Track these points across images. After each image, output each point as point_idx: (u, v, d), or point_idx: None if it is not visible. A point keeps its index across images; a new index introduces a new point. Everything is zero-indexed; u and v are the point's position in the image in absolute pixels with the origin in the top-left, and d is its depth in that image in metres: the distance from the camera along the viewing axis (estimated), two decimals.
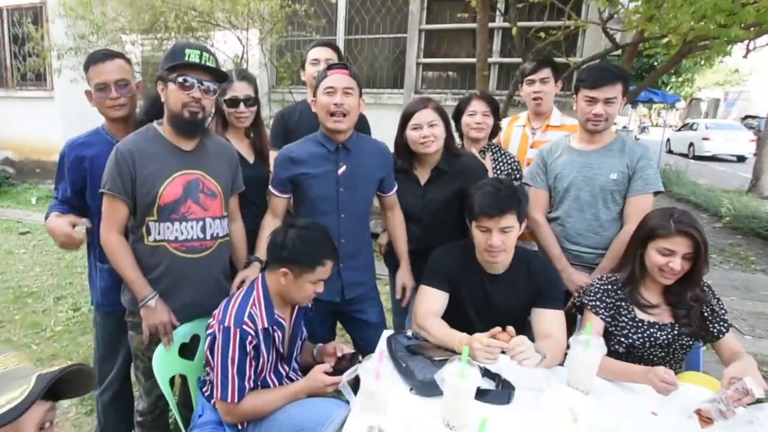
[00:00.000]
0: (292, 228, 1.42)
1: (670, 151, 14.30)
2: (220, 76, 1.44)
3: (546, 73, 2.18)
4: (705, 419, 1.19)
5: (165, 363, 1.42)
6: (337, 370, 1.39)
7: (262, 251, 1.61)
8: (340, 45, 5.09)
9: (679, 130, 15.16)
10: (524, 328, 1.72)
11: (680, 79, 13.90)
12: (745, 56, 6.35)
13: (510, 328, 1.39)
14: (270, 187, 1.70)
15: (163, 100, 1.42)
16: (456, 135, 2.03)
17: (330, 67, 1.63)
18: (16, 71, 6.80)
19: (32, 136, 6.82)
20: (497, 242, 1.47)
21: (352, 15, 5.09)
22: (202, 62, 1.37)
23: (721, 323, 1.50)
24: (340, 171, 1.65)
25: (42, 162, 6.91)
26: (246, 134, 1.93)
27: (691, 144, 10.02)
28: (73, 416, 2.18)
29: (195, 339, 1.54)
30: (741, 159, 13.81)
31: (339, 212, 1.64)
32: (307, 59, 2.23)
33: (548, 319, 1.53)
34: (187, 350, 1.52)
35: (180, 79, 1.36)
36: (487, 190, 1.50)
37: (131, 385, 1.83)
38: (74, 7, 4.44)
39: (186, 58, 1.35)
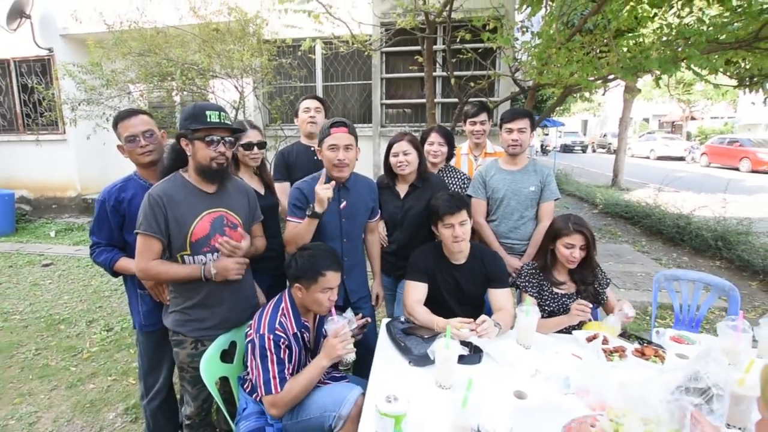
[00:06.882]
0: (297, 251, 1.39)
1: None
2: (235, 129, 1.38)
3: (484, 116, 2.28)
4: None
5: (210, 368, 1.34)
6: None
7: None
8: (319, 91, 5.07)
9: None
10: (483, 303, 1.80)
11: (561, 108, 15.50)
12: (603, 94, 7.19)
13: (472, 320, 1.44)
14: (288, 217, 1.64)
15: (189, 154, 1.33)
16: None
17: (333, 124, 1.57)
18: (26, 117, 6.07)
19: (47, 175, 6.11)
20: (460, 232, 1.56)
21: (327, 66, 5.08)
22: (222, 121, 1.31)
23: (603, 293, 1.67)
24: (342, 206, 1.63)
25: (58, 198, 6.23)
26: (254, 172, 1.88)
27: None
28: (120, 426, 1.93)
29: (232, 345, 1.47)
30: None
31: (342, 237, 1.63)
32: (299, 108, 2.22)
33: (500, 296, 1.62)
34: (227, 356, 1.44)
35: (207, 139, 1.29)
36: (445, 197, 1.62)
37: (175, 391, 1.71)
38: (83, 65, 4.06)
39: (208, 120, 1.28)
